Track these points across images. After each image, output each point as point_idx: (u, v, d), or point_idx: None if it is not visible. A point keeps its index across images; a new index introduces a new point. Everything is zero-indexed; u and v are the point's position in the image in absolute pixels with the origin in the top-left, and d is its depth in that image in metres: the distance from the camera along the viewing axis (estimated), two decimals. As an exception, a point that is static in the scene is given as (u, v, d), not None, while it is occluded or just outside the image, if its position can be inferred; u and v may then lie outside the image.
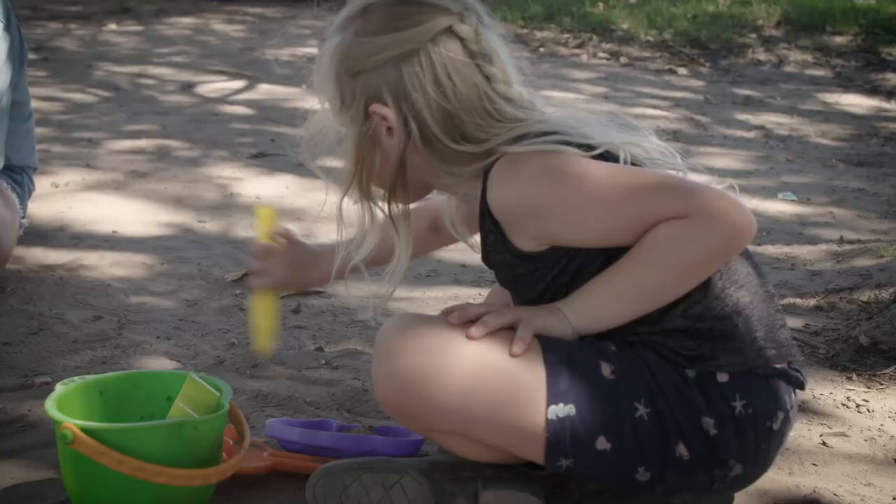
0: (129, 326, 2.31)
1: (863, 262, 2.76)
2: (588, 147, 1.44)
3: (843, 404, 1.98)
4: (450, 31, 1.45)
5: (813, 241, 3.05)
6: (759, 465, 1.48)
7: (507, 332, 1.43)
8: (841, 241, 3.03)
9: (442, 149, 1.47)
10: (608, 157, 1.45)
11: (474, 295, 2.56)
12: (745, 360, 1.44)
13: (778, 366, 1.46)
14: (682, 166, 1.50)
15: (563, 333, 1.44)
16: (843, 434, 1.86)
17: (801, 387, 1.50)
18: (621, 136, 1.49)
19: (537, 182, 1.42)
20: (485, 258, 1.56)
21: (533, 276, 1.48)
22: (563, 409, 1.39)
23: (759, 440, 1.44)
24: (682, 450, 1.42)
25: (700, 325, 1.43)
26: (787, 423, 1.47)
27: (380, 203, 1.54)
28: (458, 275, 2.70)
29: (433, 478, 1.49)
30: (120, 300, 2.47)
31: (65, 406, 1.55)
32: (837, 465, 1.76)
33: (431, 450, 1.73)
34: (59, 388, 1.60)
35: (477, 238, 1.57)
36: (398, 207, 1.54)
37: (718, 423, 1.42)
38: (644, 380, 1.42)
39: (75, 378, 1.65)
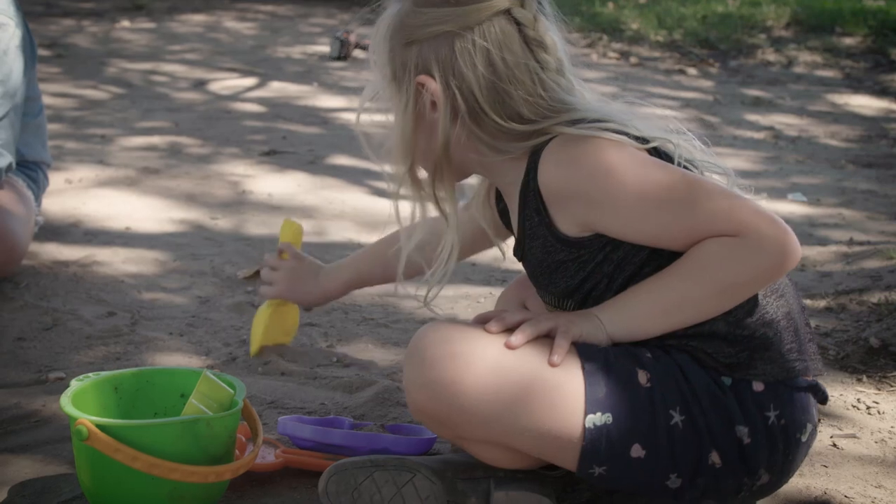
0: (142, 323, 2.32)
1: (873, 263, 2.76)
2: (643, 140, 1.43)
3: (854, 406, 1.98)
4: (508, 13, 1.45)
5: (823, 242, 3.05)
6: (784, 474, 1.49)
7: (543, 339, 1.41)
8: (851, 242, 3.03)
9: (489, 126, 1.45)
10: (661, 152, 1.44)
11: (485, 294, 2.56)
12: (780, 371, 1.44)
13: (809, 378, 1.47)
14: (729, 171, 1.49)
15: (599, 341, 1.42)
16: (853, 436, 1.86)
17: (825, 402, 1.50)
18: (673, 134, 1.47)
19: (593, 169, 1.40)
20: (518, 247, 1.54)
21: (574, 262, 1.46)
22: (600, 418, 1.38)
23: (788, 451, 1.44)
24: (714, 457, 1.41)
25: (740, 331, 1.42)
26: (813, 436, 1.48)
27: (426, 184, 1.53)
28: (469, 274, 2.71)
29: (445, 477, 1.49)
30: (133, 296, 2.48)
31: (79, 402, 1.56)
32: (848, 466, 1.76)
33: (444, 448, 1.74)
34: (74, 384, 1.60)
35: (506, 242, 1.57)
36: (444, 189, 1.52)
37: (752, 432, 1.41)
38: (679, 387, 1.41)
39: (90, 374, 1.65)
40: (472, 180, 1.67)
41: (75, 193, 3.26)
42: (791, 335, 1.45)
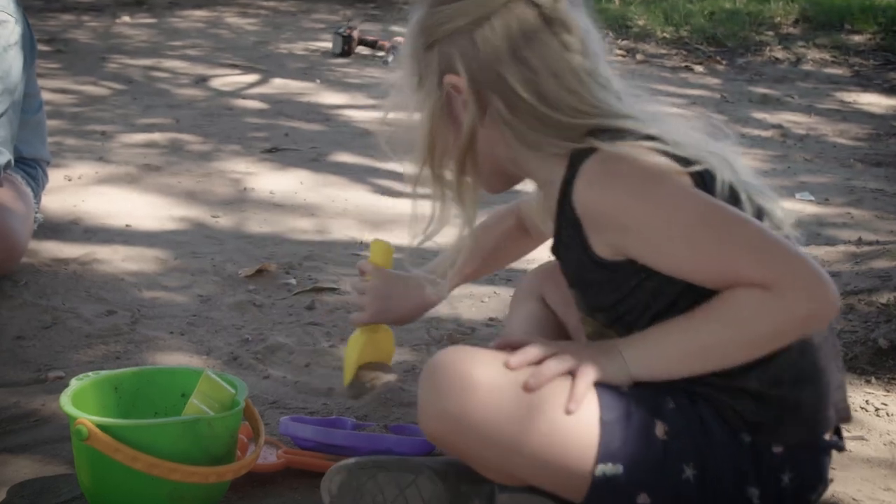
0: (142, 321, 2.31)
1: (881, 263, 2.74)
2: (686, 161, 1.37)
3: (862, 408, 1.96)
4: None
5: (831, 241, 3.03)
6: None
7: (564, 376, 1.37)
8: (859, 242, 3.01)
9: (525, 112, 1.40)
10: (705, 176, 1.38)
11: (489, 293, 2.55)
12: (806, 432, 1.40)
13: (830, 437, 1.43)
14: (771, 194, 1.43)
15: (621, 382, 1.38)
16: (861, 438, 1.85)
17: (841, 450, 1.47)
18: (713, 147, 1.41)
19: (630, 198, 1.35)
20: (555, 248, 1.50)
21: (608, 284, 1.42)
22: (610, 468, 1.35)
23: None
24: None
25: (772, 391, 1.37)
26: (823, 493, 1.45)
27: (449, 183, 1.49)
28: (473, 272, 2.69)
29: (449, 479, 1.48)
30: (133, 295, 2.47)
31: (79, 401, 1.55)
32: (856, 469, 1.75)
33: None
34: (74, 383, 1.59)
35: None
36: (467, 192, 1.49)
37: (762, 495, 1.38)
38: (696, 441, 1.37)
39: (90, 373, 1.65)
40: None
41: (75, 191, 3.24)
42: (824, 391, 1.41)
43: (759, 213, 1.39)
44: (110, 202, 3.15)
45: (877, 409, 1.96)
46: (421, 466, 1.49)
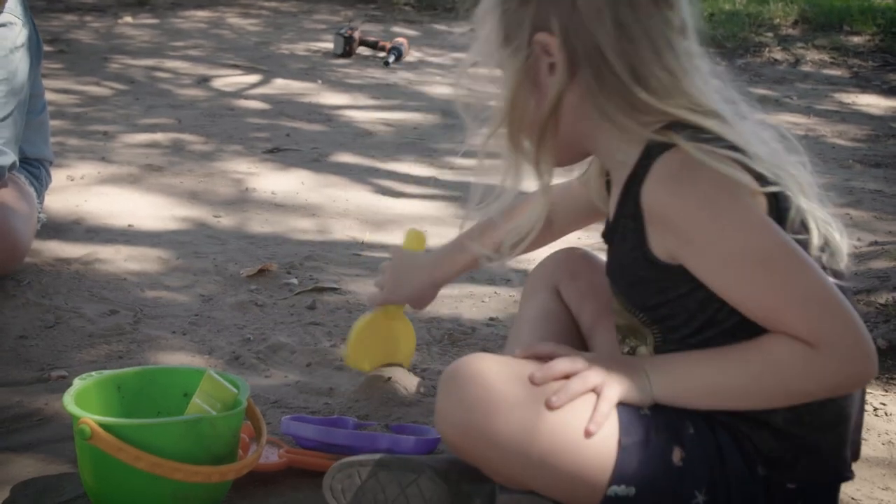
0: (144, 321, 2.31)
1: (880, 264, 2.75)
2: (763, 179, 1.31)
3: (861, 408, 1.97)
4: None
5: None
6: None
7: (587, 394, 1.35)
8: (858, 242, 3.02)
9: (612, 86, 1.33)
10: (779, 197, 1.32)
11: (489, 293, 2.55)
12: (823, 473, 1.39)
13: (845, 474, 1.42)
14: (832, 220, 1.38)
15: (642, 403, 1.35)
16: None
17: (850, 479, 1.46)
18: (788, 164, 1.36)
19: (701, 212, 1.29)
20: (607, 234, 1.46)
21: (656, 284, 1.37)
22: (623, 489, 1.34)
23: None
24: None
25: (795, 430, 1.35)
26: None
27: (528, 152, 1.41)
28: (473, 273, 2.70)
29: (450, 478, 1.48)
30: (135, 294, 2.47)
31: (82, 401, 1.55)
32: (854, 468, 1.75)
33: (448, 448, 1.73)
34: (77, 382, 1.60)
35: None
36: (545, 160, 1.41)
37: None
38: (712, 470, 1.35)
39: (92, 373, 1.65)
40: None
41: (77, 191, 3.25)
42: (844, 437, 1.39)
43: (824, 245, 1.35)
44: (113, 202, 3.16)
45: (875, 409, 1.96)
46: (422, 466, 1.49)
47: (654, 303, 1.39)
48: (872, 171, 3.94)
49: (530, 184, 1.46)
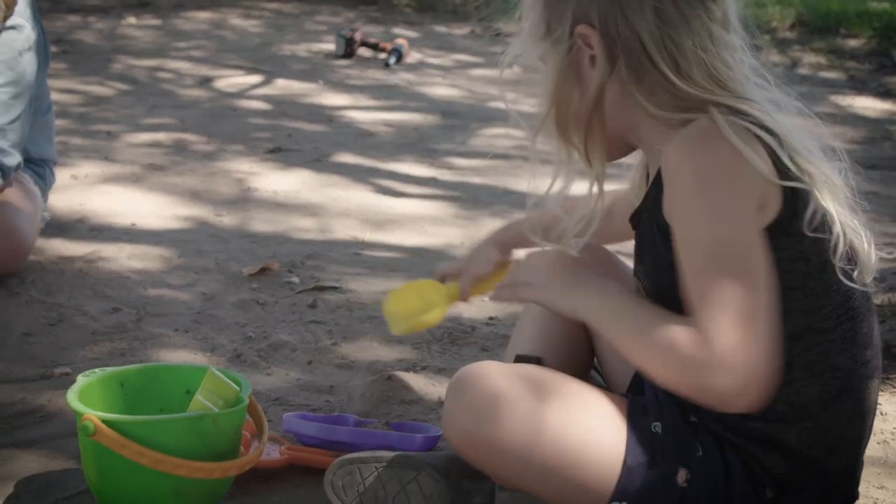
0: (147, 319, 2.33)
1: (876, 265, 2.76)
2: (787, 173, 1.29)
3: (856, 408, 1.98)
4: None
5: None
6: None
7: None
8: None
9: (653, 80, 1.33)
10: (799, 195, 1.31)
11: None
12: (833, 497, 1.38)
13: (853, 494, 1.42)
14: (866, 234, 1.37)
15: (566, 314, 1.40)
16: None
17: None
18: (824, 167, 1.35)
19: (696, 176, 1.28)
20: (636, 216, 1.45)
21: (657, 249, 1.37)
22: None
23: None
24: None
25: (806, 451, 1.35)
26: None
27: (577, 147, 1.40)
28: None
29: (450, 476, 1.49)
30: (138, 292, 2.49)
31: (85, 398, 1.56)
32: (850, 467, 1.76)
33: (448, 446, 1.74)
34: (80, 379, 1.61)
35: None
36: (595, 152, 1.40)
37: None
38: (716, 491, 1.35)
39: (96, 370, 1.66)
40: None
41: (81, 190, 3.26)
42: (855, 461, 1.39)
43: (850, 254, 1.34)
44: (116, 201, 3.17)
45: (871, 409, 1.98)
46: (423, 463, 1.50)
47: (655, 271, 1.38)
48: (868, 174, 3.93)
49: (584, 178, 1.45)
